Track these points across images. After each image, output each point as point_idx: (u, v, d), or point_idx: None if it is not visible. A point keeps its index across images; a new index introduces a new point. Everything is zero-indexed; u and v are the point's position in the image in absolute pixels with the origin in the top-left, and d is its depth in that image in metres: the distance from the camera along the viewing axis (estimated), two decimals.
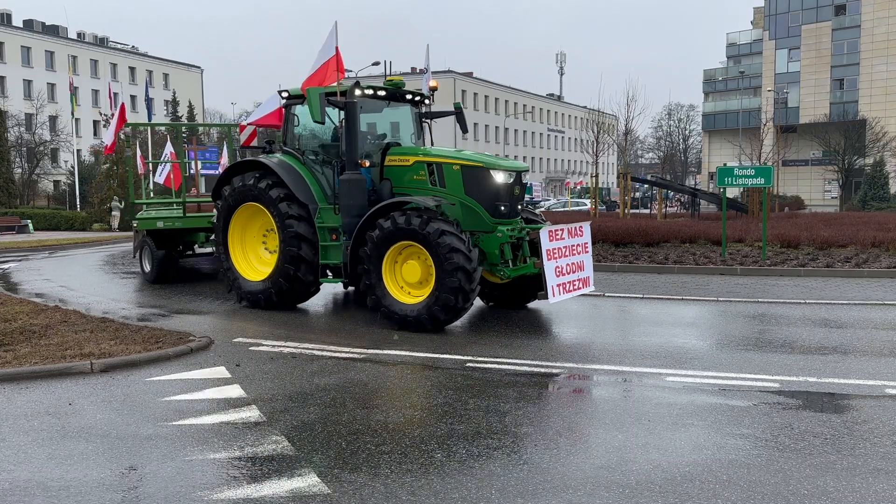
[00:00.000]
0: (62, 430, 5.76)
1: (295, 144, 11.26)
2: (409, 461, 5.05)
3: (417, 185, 10.21)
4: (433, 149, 10.79)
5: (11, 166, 47.35)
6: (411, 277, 9.54)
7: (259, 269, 11.39)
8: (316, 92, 9.83)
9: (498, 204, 9.90)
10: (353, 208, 10.00)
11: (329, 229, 10.46)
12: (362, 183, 10.06)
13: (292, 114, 11.35)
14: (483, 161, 10.07)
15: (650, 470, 4.85)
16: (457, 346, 8.70)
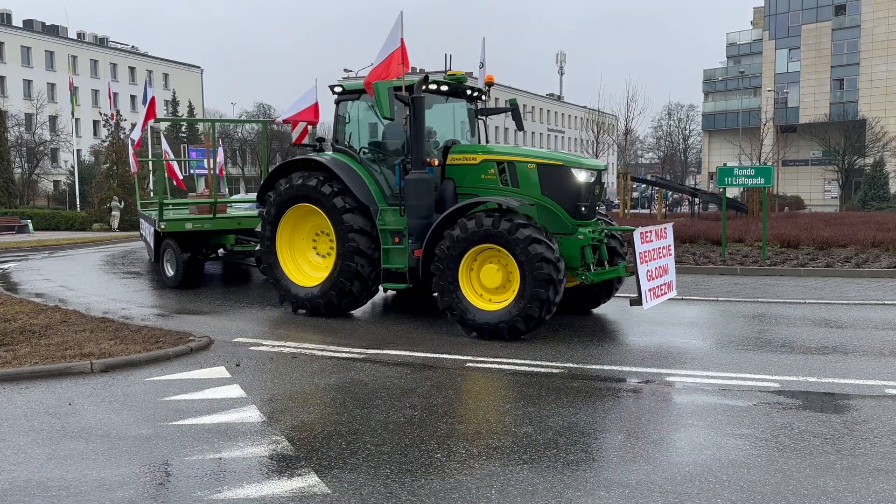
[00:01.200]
0: (62, 430, 5.76)
1: (347, 142, 10.80)
2: (409, 461, 5.05)
3: (485, 185, 9.71)
4: (503, 146, 10.38)
5: (11, 166, 47.37)
6: (491, 282, 8.98)
7: (309, 273, 10.82)
8: (385, 86, 9.36)
9: (579, 205, 9.42)
10: (420, 209, 9.45)
11: (391, 232, 9.94)
12: (430, 182, 9.53)
13: (345, 110, 10.82)
14: (563, 159, 9.59)
15: (650, 470, 4.85)
16: (457, 346, 8.70)
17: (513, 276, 8.83)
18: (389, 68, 9.62)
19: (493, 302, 9.00)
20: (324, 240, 10.73)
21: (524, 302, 8.60)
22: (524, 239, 8.57)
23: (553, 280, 8.52)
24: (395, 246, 9.91)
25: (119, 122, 39.13)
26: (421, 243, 9.45)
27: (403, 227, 9.80)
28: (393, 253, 9.95)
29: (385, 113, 9.33)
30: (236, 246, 14.15)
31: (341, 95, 10.80)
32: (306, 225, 10.82)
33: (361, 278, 10.07)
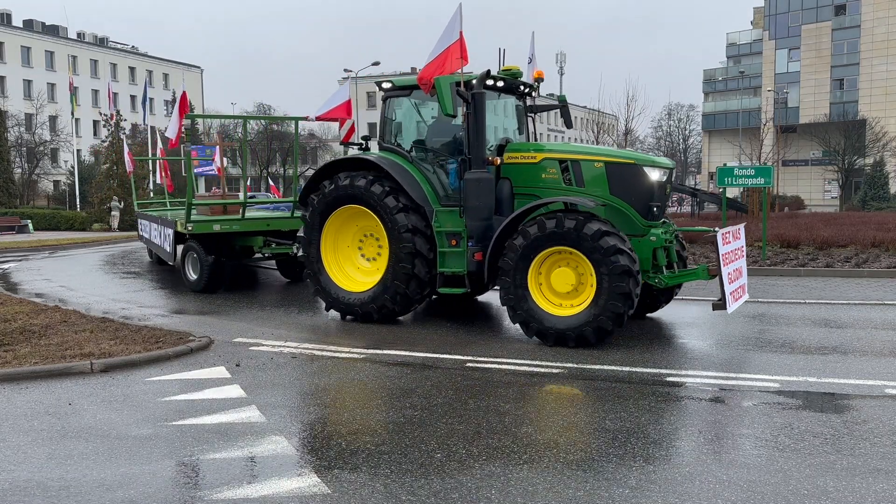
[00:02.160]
0: (62, 430, 5.76)
1: (393, 140, 10.34)
2: (409, 461, 5.05)
3: (547, 185, 9.27)
4: (565, 144, 9.97)
5: (11, 166, 47.41)
6: (563, 286, 8.53)
7: (356, 278, 10.33)
8: (447, 81, 8.91)
9: (652, 205, 9.01)
10: (481, 210, 9.04)
11: (447, 234, 9.50)
12: (491, 182, 9.12)
13: (393, 107, 10.38)
14: (634, 157, 9.23)
15: (650, 469, 4.85)
16: (457, 346, 8.70)
17: (584, 279, 8.47)
18: (446, 63, 9.06)
19: (567, 306, 8.55)
20: (371, 243, 10.31)
21: (606, 300, 8.18)
22: (594, 233, 8.20)
23: (630, 271, 8.15)
24: (452, 249, 9.49)
25: (119, 123, 39.15)
26: (481, 246, 9.16)
27: (461, 229, 9.39)
28: (449, 256, 9.52)
29: (448, 110, 8.92)
30: (265, 248, 13.63)
31: (390, 92, 10.34)
32: (351, 228, 10.36)
33: (418, 280, 9.63)
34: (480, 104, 9.13)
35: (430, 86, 9.14)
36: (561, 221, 8.39)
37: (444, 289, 9.69)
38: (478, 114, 9.12)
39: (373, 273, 10.19)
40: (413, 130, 10.51)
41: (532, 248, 8.53)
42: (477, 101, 9.12)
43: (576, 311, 8.44)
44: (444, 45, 9.17)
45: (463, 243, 9.40)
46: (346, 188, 9.96)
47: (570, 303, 8.55)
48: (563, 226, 8.37)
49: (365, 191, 9.79)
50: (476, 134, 9.13)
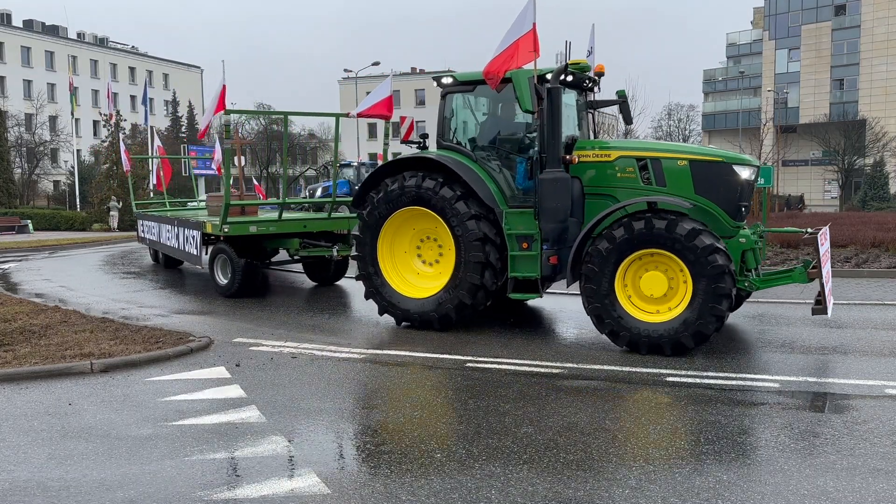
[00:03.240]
0: (62, 430, 5.76)
1: (453, 138, 9.85)
2: (409, 461, 5.05)
3: (622, 185, 8.80)
4: (640, 142, 9.55)
5: (11, 166, 47.42)
6: (654, 291, 8.10)
7: (413, 283, 9.80)
8: (525, 76, 8.51)
9: (741, 205, 8.62)
10: (558, 212, 8.51)
11: (518, 236, 8.98)
12: (567, 182, 8.58)
13: (454, 103, 9.88)
14: (723, 155, 8.80)
15: (650, 470, 4.85)
16: (457, 346, 8.70)
17: (675, 282, 8.06)
18: (515, 56, 8.56)
19: (654, 313, 8.15)
20: (430, 246, 9.78)
21: (695, 317, 7.78)
22: (688, 233, 7.78)
23: (729, 271, 7.75)
24: (523, 252, 8.96)
25: (119, 123, 39.15)
26: (556, 249, 8.77)
27: (533, 232, 8.89)
28: (520, 260, 8.98)
29: (526, 106, 8.51)
30: (301, 251, 13.06)
31: (450, 87, 9.79)
32: (409, 230, 9.82)
33: (485, 291, 9.22)
34: (557, 100, 8.59)
35: (497, 80, 8.72)
36: (650, 222, 7.96)
37: (516, 294, 9.18)
38: (554, 110, 8.58)
39: (433, 278, 9.68)
40: (475, 128, 10.06)
41: (620, 251, 8.08)
42: (553, 97, 8.58)
43: (669, 316, 8.00)
44: (513, 37, 8.63)
45: (535, 246, 8.91)
46: (411, 189, 9.43)
47: (661, 308, 8.11)
48: (653, 227, 7.94)
49: (434, 193, 9.27)
50: (552, 131, 8.59)
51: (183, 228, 14.44)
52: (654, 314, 8.12)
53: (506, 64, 8.63)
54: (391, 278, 9.81)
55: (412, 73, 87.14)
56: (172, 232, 15.21)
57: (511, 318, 9.82)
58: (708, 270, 7.72)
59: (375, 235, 9.80)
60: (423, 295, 9.58)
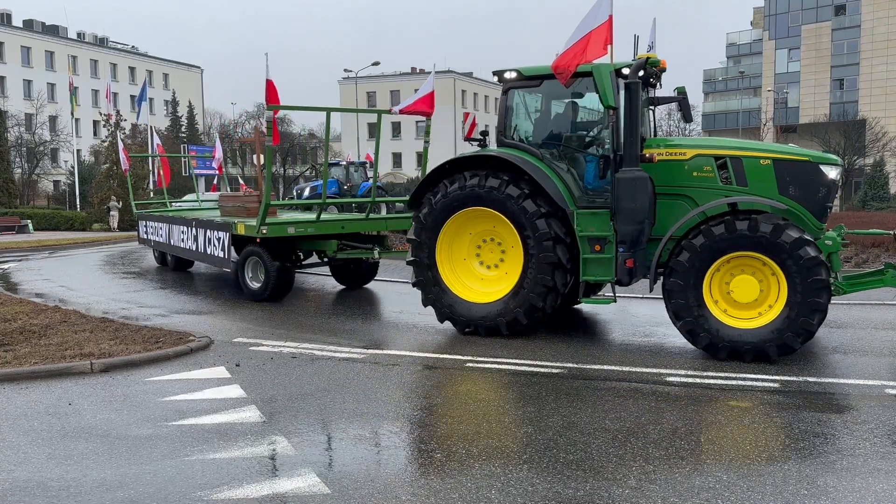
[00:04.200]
0: (62, 430, 5.76)
1: (514, 136, 9.42)
2: (409, 461, 5.05)
3: (700, 184, 8.40)
4: (717, 139, 9.26)
5: (11, 166, 47.44)
6: (744, 296, 7.74)
7: (474, 287, 9.31)
8: (607, 70, 8.19)
9: (827, 206, 8.28)
10: (636, 213, 8.12)
11: (590, 238, 8.60)
12: (646, 181, 8.20)
13: (517, 99, 9.48)
14: (809, 154, 8.42)
15: (650, 470, 4.85)
16: (457, 346, 8.70)
17: (765, 288, 7.72)
18: (587, 49, 8.18)
19: (740, 319, 7.81)
20: (491, 248, 9.32)
21: (785, 328, 7.51)
22: (793, 242, 7.43)
23: (828, 287, 7.49)
24: (596, 255, 8.58)
25: (119, 122, 39.16)
26: (633, 252, 8.34)
27: (606, 233, 8.51)
28: (593, 263, 8.60)
29: (609, 101, 8.18)
30: (339, 253, 12.49)
31: (514, 82, 9.32)
32: (469, 231, 9.35)
33: (555, 293, 8.81)
34: (636, 95, 8.20)
35: (568, 76, 8.33)
36: (755, 224, 7.58)
37: (588, 300, 8.95)
38: (632, 106, 8.19)
39: (496, 282, 9.24)
40: (540, 124, 9.56)
41: (714, 250, 7.73)
42: (632, 92, 8.21)
43: (767, 318, 7.66)
44: (585, 29, 8.22)
45: (609, 248, 8.52)
46: (473, 188, 8.99)
47: (754, 312, 7.78)
48: (758, 230, 7.56)
49: (498, 192, 8.83)
50: (630, 128, 8.22)
51: (204, 230, 13.68)
52: (750, 319, 7.77)
53: (577, 58, 8.21)
54: (451, 283, 9.32)
55: (412, 72, 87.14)
56: (188, 233, 14.53)
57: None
58: (810, 284, 7.41)
59: (434, 238, 9.32)
60: (487, 300, 9.12)
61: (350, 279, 13.89)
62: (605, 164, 8.73)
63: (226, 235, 12.77)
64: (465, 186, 9.06)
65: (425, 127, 12.60)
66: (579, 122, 9.52)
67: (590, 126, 9.38)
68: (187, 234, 14.56)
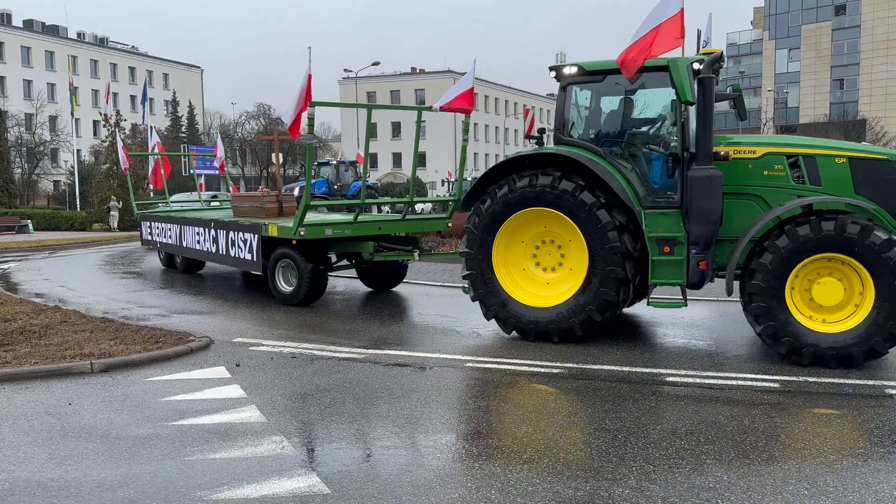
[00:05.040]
0: (62, 430, 5.76)
1: (573, 133, 9.07)
2: (408, 461, 5.05)
3: (770, 183, 8.13)
4: (788, 137, 8.88)
5: (11, 166, 47.44)
6: (828, 299, 7.49)
7: (530, 291, 8.93)
8: (685, 64, 7.93)
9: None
10: (711, 213, 7.87)
11: (658, 239, 8.26)
12: (720, 180, 7.90)
13: (576, 95, 9.11)
14: (886, 153, 8.14)
15: (650, 470, 4.85)
16: (457, 346, 8.70)
17: (850, 292, 7.49)
18: (655, 42, 7.82)
19: (823, 322, 7.57)
20: (548, 250, 8.94)
21: (873, 333, 7.29)
22: (882, 244, 7.21)
23: None
24: (664, 257, 8.22)
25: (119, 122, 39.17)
26: (706, 254, 8.09)
27: (676, 234, 8.20)
28: (661, 266, 8.26)
29: (687, 96, 7.84)
30: (376, 255, 11.90)
31: (574, 78, 8.94)
32: (523, 234, 8.98)
33: (627, 285, 8.42)
34: (710, 90, 7.96)
35: (635, 69, 8.03)
36: (842, 225, 7.33)
37: (657, 303, 8.57)
38: (706, 101, 7.93)
39: (558, 284, 8.84)
40: (601, 121, 9.28)
41: (799, 252, 7.47)
42: (706, 87, 7.95)
43: (841, 328, 7.46)
44: (654, 22, 7.88)
45: (679, 250, 8.19)
46: (526, 188, 8.67)
47: (838, 316, 7.55)
48: (845, 231, 7.31)
49: (551, 188, 8.50)
50: (704, 124, 7.94)
51: (226, 231, 13.07)
52: (833, 324, 7.55)
53: (644, 52, 7.85)
54: (505, 283, 8.99)
55: (412, 72, 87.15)
56: (205, 234, 13.90)
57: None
58: (891, 266, 7.19)
59: (490, 240, 8.97)
60: (542, 304, 8.77)
61: (379, 282, 13.38)
62: (674, 163, 8.37)
63: (254, 237, 12.22)
64: (519, 186, 8.71)
65: (464, 125, 12.16)
66: (644, 118, 9.18)
67: (655, 122, 9.06)
68: (204, 235, 13.98)
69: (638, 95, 9.17)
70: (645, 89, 9.02)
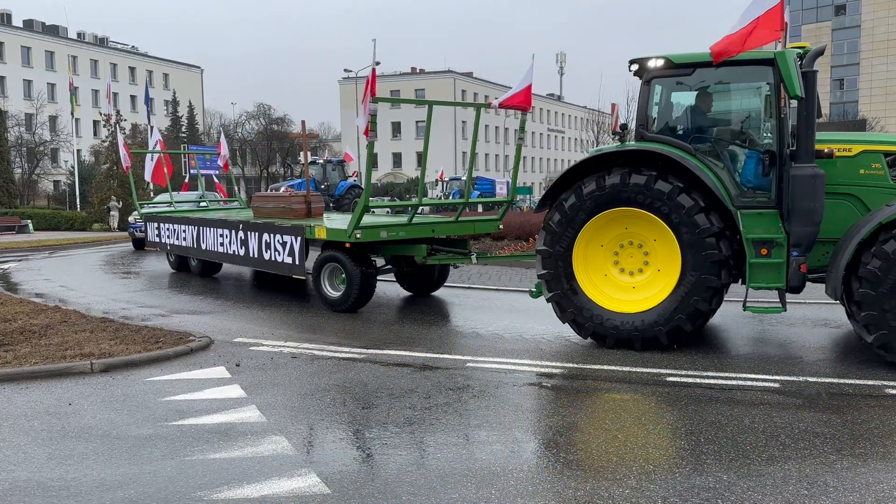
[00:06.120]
0: (62, 430, 5.76)
1: (658, 129, 8.64)
2: (408, 461, 5.05)
3: (867, 183, 7.85)
4: (885, 135, 8.74)
5: (11, 166, 47.46)
6: None
7: (614, 295, 8.49)
8: (792, 56, 7.62)
9: None
10: (814, 213, 7.56)
11: (755, 241, 7.90)
12: (823, 179, 7.62)
13: (660, 89, 8.70)
14: None
15: (650, 470, 4.85)
16: (457, 346, 8.70)
17: None
18: (753, 34, 7.56)
19: None
20: (631, 253, 8.51)
21: None
22: None
23: None
24: (762, 260, 7.86)
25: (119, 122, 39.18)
26: (807, 256, 7.78)
27: (773, 236, 7.86)
28: (759, 269, 7.89)
29: (795, 91, 7.52)
30: (430, 258, 11.34)
31: (660, 71, 8.52)
32: (604, 237, 8.56)
33: (721, 294, 8.10)
34: (813, 84, 7.68)
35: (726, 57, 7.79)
36: None
37: (755, 308, 8.18)
38: (809, 96, 7.64)
39: (646, 287, 8.41)
40: (689, 117, 8.84)
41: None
42: (809, 81, 7.67)
43: None
44: (754, 14, 7.57)
45: (777, 252, 7.85)
46: (617, 186, 8.22)
47: None
48: None
49: (646, 189, 8.09)
50: (808, 121, 7.67)
51: (261, 233, 12.45)
52: None
53: (740, 44, 7.59)
54: (585, 286, 8.56)
55: (412, 72, 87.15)
56: (232, 237, 13.25)
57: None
58: None
59: (573, 235, 8.51)
60: (625, 309, 8.35)
61: (422, 286, 12.83)
62: (771, 160, 8.00)
63: (296, 239, 11.61)
64: (606, 185, 8.28)
65: (520, 122, 11.64)
66: (734, 114, 8.84)
67: (746, 118, 8.70)
68: (230, 237, 13.30)
69: (727, 90, 8.86)
70: (735, 84, 8.75)
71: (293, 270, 11.86)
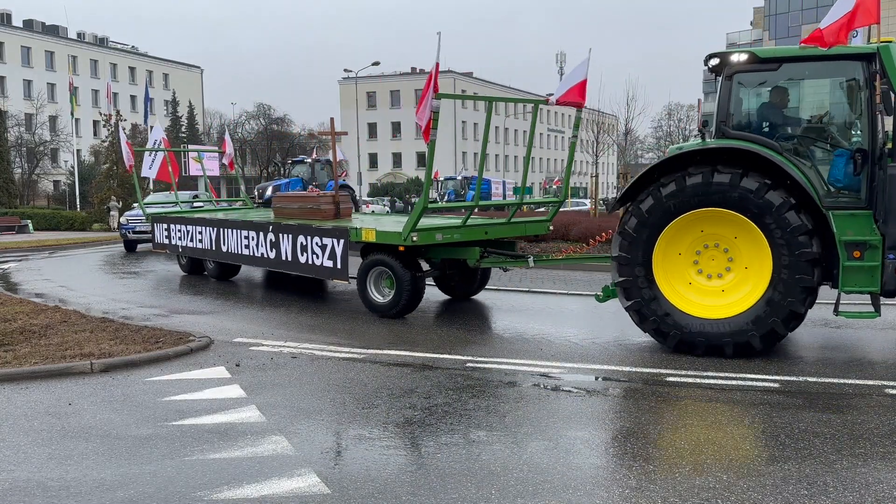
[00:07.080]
0: (62, 430, 5.76)
1: (739, 126, 8.26)
2: (409, 461, 5.05)
3: None
4: None
5: (11, 166, 47.48)
6: None
7: (699, 301, 8.12)
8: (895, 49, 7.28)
9: None
10: None
11: (847, 244, 7.55)
12: None
13: (740, 86, 8.30)
14: None
15: (650, 470, 4.85)
16: (457, 346, 8.70)
17: None
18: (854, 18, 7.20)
19: None
20: (713, 255, 8.15)
21: None
22: None
23: None
24: (855, 262, 7.53)
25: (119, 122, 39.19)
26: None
27: (867, 238, 7.51)
28: (852, 272, 7.56)
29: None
30: (483, 262, 10.84)
31: (744, 66, 8.15)
32: (681, 243, 8.19)
33: (815, 294, 7.78)
34: None
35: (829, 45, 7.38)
36: None
37: (848, 313, 7.93)
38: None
39: (735, 289, 8.05)
40: (774, 113, 8.44)
41: None
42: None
43: None
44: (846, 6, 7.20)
45: (871, 255, 7.52)
46: (700, 185, 7.86)
47: None
48: None
49: (731, 187, 7.71)
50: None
51: (295, 235, 11.87)
52: None
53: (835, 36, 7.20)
54: (666, 292, 8.17)
55: (412, 72, 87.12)
56: (259, 239, 12.66)
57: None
58: None
59: (653, 239, 8.15)
60: (712, 315, 7.99)
61: (464, 289, 12.35)
62: (863, 159, 7.60)
63: (338, 242, 11.03)
64: (689, 185, 7.94)
65: (576, 119, 11.12)
66: (823, 110, 8.57)
67: (836, 115, 8.44)
68: (258, 240, 12.70)
69: (813, 86, 8.60)
70: (823, 79, 8.46)
71: (334, 274, 11.31)
